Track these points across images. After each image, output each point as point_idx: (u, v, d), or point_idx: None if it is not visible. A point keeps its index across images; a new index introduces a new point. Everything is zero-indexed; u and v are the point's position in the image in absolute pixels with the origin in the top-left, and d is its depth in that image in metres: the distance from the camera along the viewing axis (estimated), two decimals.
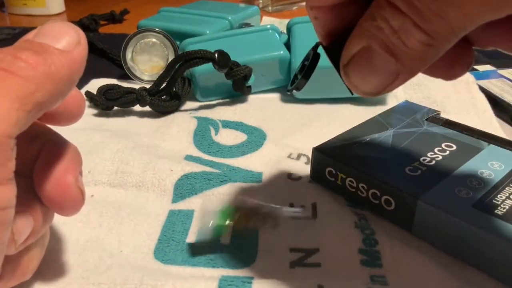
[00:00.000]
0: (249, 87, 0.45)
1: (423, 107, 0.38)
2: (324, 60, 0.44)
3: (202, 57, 0.41)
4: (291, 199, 0.30)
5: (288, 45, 0.47)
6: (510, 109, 0.43)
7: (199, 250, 0.27)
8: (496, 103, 0.44)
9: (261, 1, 0.81)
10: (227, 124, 0.41)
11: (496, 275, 0.24)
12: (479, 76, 0.49)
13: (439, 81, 0.46)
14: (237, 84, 0.43)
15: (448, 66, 0.19)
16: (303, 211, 0.27)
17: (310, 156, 0.33)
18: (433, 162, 0.30)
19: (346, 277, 0.24)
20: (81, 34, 0.18)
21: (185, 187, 0.32)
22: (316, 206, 0.29)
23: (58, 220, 0.28)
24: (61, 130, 0.23)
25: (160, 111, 0.43)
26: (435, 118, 0.36)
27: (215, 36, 0.48)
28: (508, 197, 0.26)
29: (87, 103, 0.45)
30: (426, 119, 0.35)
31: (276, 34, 0.48)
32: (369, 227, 0.28)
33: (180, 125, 0.40)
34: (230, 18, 0.56)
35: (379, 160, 0.30)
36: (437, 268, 0.25)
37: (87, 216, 0.29)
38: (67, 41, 0.17)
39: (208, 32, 0.52)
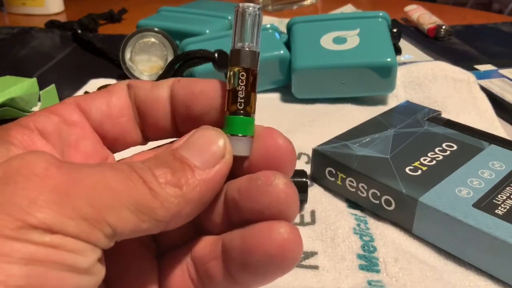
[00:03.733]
0: None
1: (424, 107, 0.38)
2: (324, 60, 0.44)
3: (202, 57, 0.40)
4: None
5: (288, 45, 0.47)
6: (511, 109, 0.43)
7: None
8: (497, 102, 0.44)
9: (261, 1, 0.81)
10: None
11: (497, 275, 0.24)
12: (480, 75, 0.49)
13: (440, 81, 0.46)
14: None
15: None
16: None
17: (310, 155, 0.33)
18: (434, 162, 0.30)
19: (343, 280, 0.24)
20: (228, 147, 0.17)
21: None
22: (315, 211, 0.29)
23: None
24: None
25: None
26: (436, 118, 0.36)
27: (215, 36, 0.48)
28: (508, 197, 0.26)
29: None
30: (427, 119, 0.35)
31: (276, 34, 0.48)
32: (368, 233, 0.27)
33: None
34: (230, 17, 0.55)
35: (379, 160, 0.30)
36: (435, 275, 0.25)
37: None
38: (209, 157, 0.16)
39: (207, 31, 0.51)
